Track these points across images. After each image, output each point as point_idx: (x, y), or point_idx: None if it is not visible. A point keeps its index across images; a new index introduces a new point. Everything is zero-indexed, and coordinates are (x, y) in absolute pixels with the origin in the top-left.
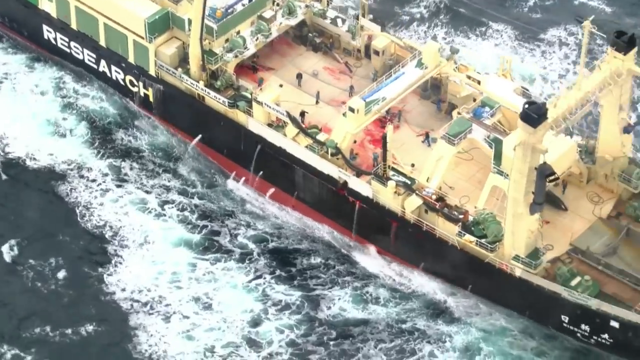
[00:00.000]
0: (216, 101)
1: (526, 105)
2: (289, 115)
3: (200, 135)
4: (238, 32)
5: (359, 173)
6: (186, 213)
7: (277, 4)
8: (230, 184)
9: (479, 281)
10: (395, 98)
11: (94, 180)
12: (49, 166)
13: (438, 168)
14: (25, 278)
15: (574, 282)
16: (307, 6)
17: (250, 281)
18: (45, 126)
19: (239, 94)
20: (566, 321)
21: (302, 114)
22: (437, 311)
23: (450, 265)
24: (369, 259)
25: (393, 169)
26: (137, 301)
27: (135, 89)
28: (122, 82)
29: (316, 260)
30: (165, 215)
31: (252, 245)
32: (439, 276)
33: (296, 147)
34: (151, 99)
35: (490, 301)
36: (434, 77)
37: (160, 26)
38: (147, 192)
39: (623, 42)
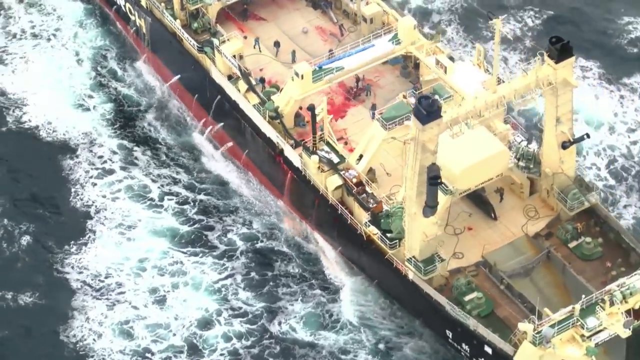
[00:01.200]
0: (188, 43)
1: (419, 100)
2: (240, 69)
3: (178, 76)
4: None
5: (296, 143)
6: (185, 206)
7: None
8: (196, 136)
9: (382, 277)
10: (354, 70)
11: (101, 157)
12: (62, 137)
13: (368, 150)
14: None
15: (467, 297)
16: None
17: (217, 281)
18: (71, 97)
19: (208, 39)
20: (450, 336)
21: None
22: (385, 349)
23: (359, 254)
24: (349, 280)
25: (327, 143)
26: (89, 284)
27: (132, 18)
28: (123, 9)
29: (295, 269)
30: (162, 205)
31: (239, 243)
32: (354, 263)
33: (246, 104)
34: (144, 30)
35: (391, 299)
36: (416, 57)
37: None
38: (152, 180)
39: (556, 49)
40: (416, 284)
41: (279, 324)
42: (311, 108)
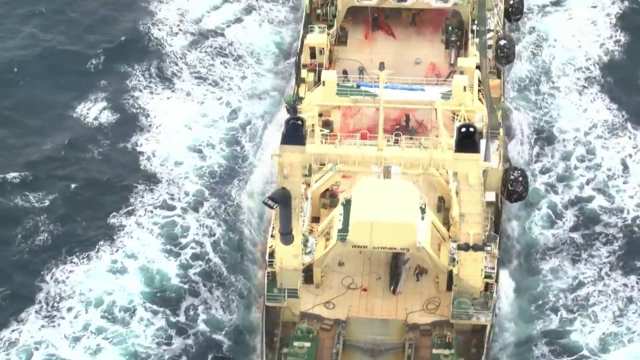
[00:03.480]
0: None
1: (287, 121)
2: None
3: None
4: None
5: None
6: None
7: None
8: None
9: None
10: (385, 104)
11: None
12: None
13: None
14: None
15: (296, 343)
16: None
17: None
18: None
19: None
20: None
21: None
22: None
23: None
24: None
25: None
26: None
27: None
28: None
29: None
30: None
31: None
32: None
33: None
34: None
35: None
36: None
37: None
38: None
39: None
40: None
41: None
42: (293, 106)
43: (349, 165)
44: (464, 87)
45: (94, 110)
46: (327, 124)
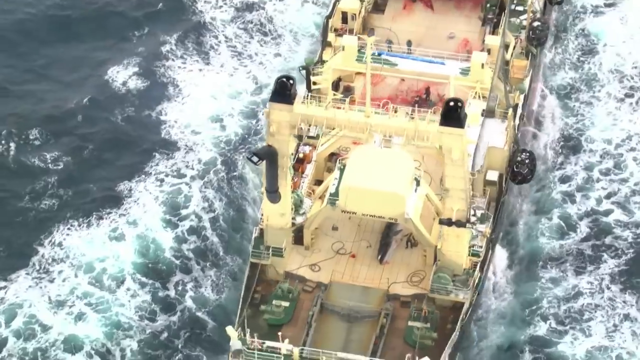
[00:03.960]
0: None
1: (277, 79)
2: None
3: None
4: None
5: None
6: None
7: None
8: None
9: None
10: (403, 74)
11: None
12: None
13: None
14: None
15: (274, 301)
16: None
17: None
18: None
19: None
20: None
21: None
22: None
23: None
24: None
25: None
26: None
27: None
28: None
29: None
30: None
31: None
32: None
33: None
34: None
35: None
36: None
37: None
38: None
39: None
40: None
41: None
42: (306, 68)
43: (353, 132)
44: (482, 65)
45: (124, 74)
46: (347, 90)
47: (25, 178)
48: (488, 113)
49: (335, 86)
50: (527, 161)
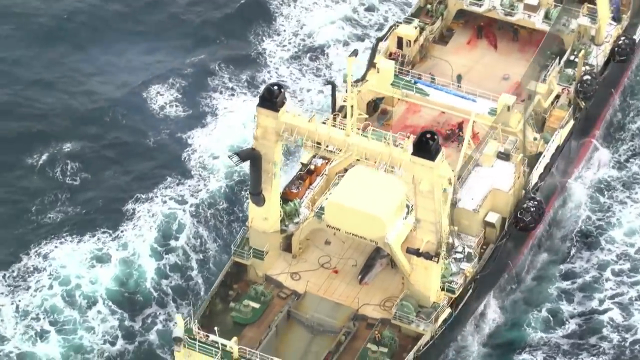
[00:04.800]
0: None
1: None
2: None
3: None
4: None
5: None
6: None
7: None
8: None
9: None
10: (432, 105)
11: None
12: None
13: None
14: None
15: (245, 301)
16: None
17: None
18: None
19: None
20: None
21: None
22: None
23: None
24: None
25: None
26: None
27: None
28: None
29: None
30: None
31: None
32: None
33: None
34: None
35: None
36: None
37: None
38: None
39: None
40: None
41: None
42: (331, 83)
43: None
44: (507, 107)
45: (166, 96)
46: (384, 113)
47: (38, 184)
48: (503, 155)
49: (373, 107)
50: (532, 209)
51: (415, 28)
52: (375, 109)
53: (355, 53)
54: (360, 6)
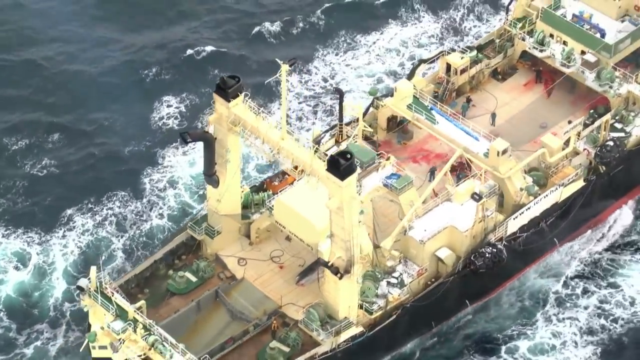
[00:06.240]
0: None
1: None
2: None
3: None
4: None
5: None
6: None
7: None
8: None
9: None
10: (438, 135)
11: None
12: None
13: None
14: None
15: (180, 272)
16: None
17: None
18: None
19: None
20: None
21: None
22: None
23: None
24: None
25: None
26: None
27: None
28: None
29: None
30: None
31: None
32: None
33: None
34: None
35: None
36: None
37: None
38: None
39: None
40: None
41: None
42: (338, 90)
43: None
44: (498, 152)
45: (165, 110)
46: (404, 132)
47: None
48: (476, 197)
49: (397, 124)
50: (487, 255)
51: (462, 58)
52: (399, 125)
53: (293, 61)
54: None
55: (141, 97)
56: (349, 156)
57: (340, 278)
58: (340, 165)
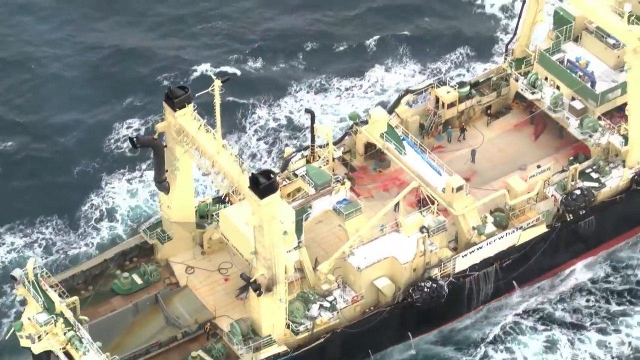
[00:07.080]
0: None
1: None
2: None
3: None
4: None
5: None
6: None
7: None
8: None
9: None
10: (402, 165)
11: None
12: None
13: None
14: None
15: (125, 274)
16: None
17: None
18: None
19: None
20: None
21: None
22: None
23: None
24: None
25: None
26: None
27: None
28: None
29: None
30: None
31: None
32: None
33: None
34: None
35: None
36: None
37: None
38: None
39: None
40: None
41: None
42: (310, 112)
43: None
44: (452, 189)
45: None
46: (381, 160)
47: None
48: (424, 230)
49: (377, 151)
50: (426, 289)
51: (448, 92)
52: (377, 152)
53: (226, 78)
54: None
55: (105, 114)
56: (272, 175)
57: (259, 295)
58: (260, 184)
